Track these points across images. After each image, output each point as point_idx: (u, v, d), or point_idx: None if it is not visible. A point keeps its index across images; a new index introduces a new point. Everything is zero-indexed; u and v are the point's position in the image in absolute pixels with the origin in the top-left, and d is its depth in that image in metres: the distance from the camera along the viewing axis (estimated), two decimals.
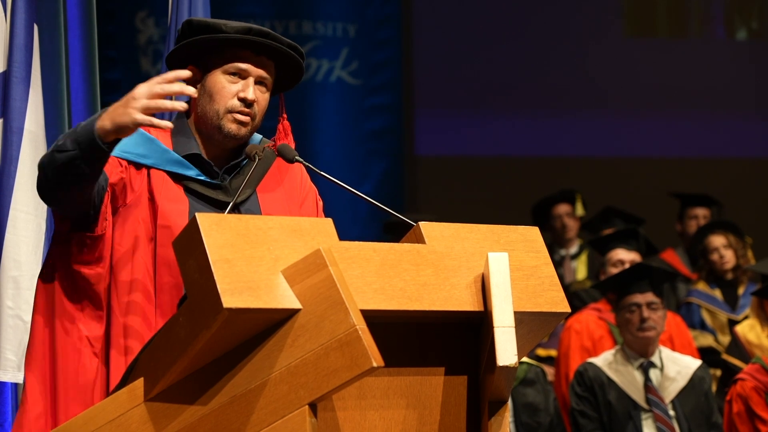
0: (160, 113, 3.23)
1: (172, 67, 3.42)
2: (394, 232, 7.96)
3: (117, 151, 3.22)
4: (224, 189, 3.36)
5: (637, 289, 6.10)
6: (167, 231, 3.25)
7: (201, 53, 3.35)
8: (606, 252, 7.16)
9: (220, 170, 3.37)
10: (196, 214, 2.62)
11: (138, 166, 3.31)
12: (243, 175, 3.37)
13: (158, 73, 4.22)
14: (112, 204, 3.28)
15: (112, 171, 3.27)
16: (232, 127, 3.32)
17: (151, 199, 3.30)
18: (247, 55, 3.32)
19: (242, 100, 3.31)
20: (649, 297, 6.09)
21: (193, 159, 3.36)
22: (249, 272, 2.60)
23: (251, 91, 3.31)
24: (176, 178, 3.33)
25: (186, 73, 3.08)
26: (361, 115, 10.35)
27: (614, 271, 6.89)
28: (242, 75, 3.33)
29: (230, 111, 3.31)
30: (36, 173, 4.14)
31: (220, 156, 3.39)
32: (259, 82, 3.34)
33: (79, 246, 3.25)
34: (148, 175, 3.32)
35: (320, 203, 3.54)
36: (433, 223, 2.91)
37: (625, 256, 7.04)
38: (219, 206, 3.31)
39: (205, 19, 3.40)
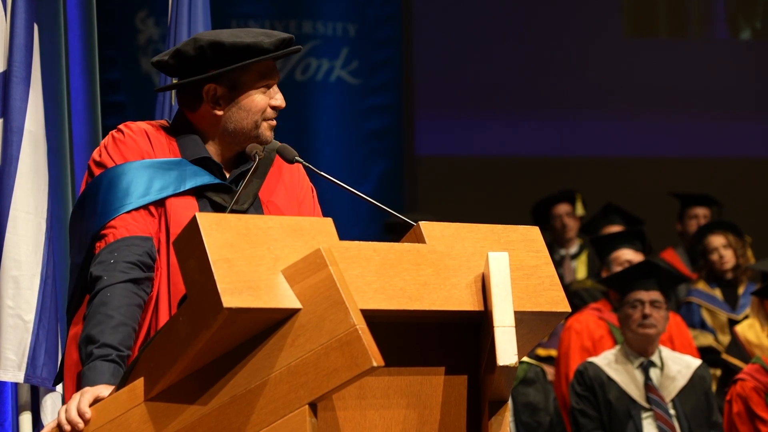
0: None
1: (187, 87, 3.38)
2: (394, 232, 7.97)
3: (140, 198, 3.25)
4: (234, 193, 3.36)
5: (642, 286, 6.09)
6: None
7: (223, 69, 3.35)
8: (610, 251, 7.15)
9: (229, 173, 3.39)
10: (196, 214, 2.63)
11: (161, 201, 3.31)
12: (250, 180, 3.39)
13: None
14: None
15: (150, 226, 3.26)
16: (269, 134, 3.39)
17: (166, 218, 3.30)
18: (272, 65, 3.38)
19: (275, 108, 3.38)
20: (654, 295, 6.09)
21: (203, 162, 3.37)
22: (249, 272, 2.60)
23: (281, 98, 3.39)
24: (192, 191, 3.34)
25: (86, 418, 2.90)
26: (361, 115, 10.35)
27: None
28: (269, 84, 3.39)
29: (266, 119, 3.38)
30: (36, 174, 4.17)
31: (229, 159, 3.41)
32: None
33: None
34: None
35: (316, 199, 3.54)
36: (434, 222, 2.90)
37: (632, 257, 7.02)
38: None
39: (236, 38, 3.32)
